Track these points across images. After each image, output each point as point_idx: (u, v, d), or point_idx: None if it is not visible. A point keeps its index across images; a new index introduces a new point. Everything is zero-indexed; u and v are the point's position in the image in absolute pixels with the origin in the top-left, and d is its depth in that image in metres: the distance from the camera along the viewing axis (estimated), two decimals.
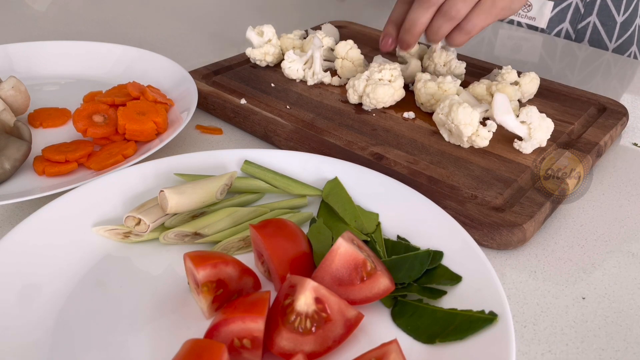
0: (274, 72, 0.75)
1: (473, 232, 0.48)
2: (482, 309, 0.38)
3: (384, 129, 0.62)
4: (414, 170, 0.55)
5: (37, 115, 0.65)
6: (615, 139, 0.63)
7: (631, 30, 0.94)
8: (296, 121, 0.63)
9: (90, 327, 0.39)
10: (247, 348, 0.36)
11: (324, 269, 0.40)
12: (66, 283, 0.42)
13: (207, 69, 0.75)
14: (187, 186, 0.47)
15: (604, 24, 0.95)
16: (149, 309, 0.41)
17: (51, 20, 1.02)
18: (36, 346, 0.38)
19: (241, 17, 1.06)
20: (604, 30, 0.95)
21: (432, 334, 0.38)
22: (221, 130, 0.66)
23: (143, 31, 0.97)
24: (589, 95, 0.70)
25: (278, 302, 0.38)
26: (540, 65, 0.88)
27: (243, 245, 0.46)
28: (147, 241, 0.47)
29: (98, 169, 0.55)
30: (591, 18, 0.95)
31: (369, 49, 0.83)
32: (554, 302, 0.44)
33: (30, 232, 0.44)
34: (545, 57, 0.91)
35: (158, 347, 0.38)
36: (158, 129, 0.60)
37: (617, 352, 0.40)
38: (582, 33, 0.97)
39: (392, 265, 0.43)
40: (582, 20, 0.96)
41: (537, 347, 0.40)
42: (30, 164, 0.56)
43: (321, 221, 0.48)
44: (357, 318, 0.38)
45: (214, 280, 0.39)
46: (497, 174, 0.55)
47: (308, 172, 0.53)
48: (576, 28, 0.97)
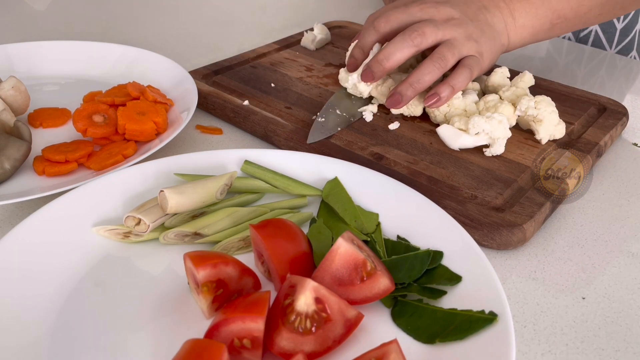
0: (274, 72, 0.75)
1: (473, 232, 0.48)
2: (482, 309, 0.38)
3: (384, 129, 0.62)
4: (414, 170, 0.55)
5: (37, 115, 0.65)
6: (615, 139, 0.63)
7: (631, 35, 0.94)
8: (296, 121, 0.63)
9: (90, 327, 0.39)
10: (247, 348, 0.36)
11: (324, 269, 0.40)
12: (66, 283, 0.42)
13: (207, 69, 0.75)
14: (187, 186, 0.47)
15: (605, 31, 0.95)
16: (149, 309, 0.41)
17: (51, 20, 1.02)
18: (36, 346, 0.38)
19: (241, 17, 1.06)
20: (604, 37, 0.95)
21: (432, 334, 0.38)
22: (221, 130, 0.66)
23: (143, 31, 0.97)
24: (589, 95, 0.70)
25: (278, 302, 0.38)
26: (543, 65, 0.88)
27: (243, 245, 0.46)
28: (147, 241, 0.47)
29: (98, 169, 0.55)
30: (593, 27, 0.95)
31: None
32: (554, 302, 0.44)
33: (30, 232, 0.44)
34: (548, 58, 0.91)
35: (158, 347, 0.38)
36: (158, 129, 0.60)
37: (617, 352, 0.40)
38: (583, 41, 0.98)
39: (392, 265, 0.43)
40: (584, 29, 0.96)
41: (537, 347, 0.40)
42: (30, 164, 0.56)
43: (321, 221, 0.48)
44: (357, 318, 0.38)
45: (214, 280, 0.39)
46: (497, 174, 0.55)
47: (308, 172, 0.53)
48: (578, 36, 0.98)
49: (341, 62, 0.79)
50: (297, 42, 0.85)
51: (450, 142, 0.59)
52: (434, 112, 0.62)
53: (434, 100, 0.59)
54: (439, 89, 0.59)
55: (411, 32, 0.58)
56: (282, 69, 0.76)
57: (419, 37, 0.58)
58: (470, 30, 0.60)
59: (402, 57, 0.58)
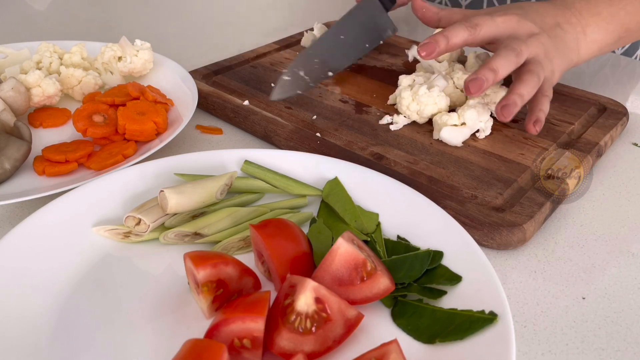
0: (274, 72, 0.75)
1: (473, 232, 0.48)
2: (482, 309, 0.38)
3: (384, 129, 0.62)
4: (414, 170, 0.55)
5: (37, 115, 0.65)
6: (615, 139, 0.63)
7: None
8: (296, 121, 0.63)
9: (90, 327, 0.39)
10: (247, 348, 0.36)
11: (324, 269, 0.40)
12: (66, 283, 0.42)
13: (207, 69, 0.75)
14: (187, 186, 0.47)
15: None
16: (149, 309, 0.41)
17: (51, 20, 1.02)
18: (36, 346, 0.38)
19: (241, 17, 1.06)
20: None
21: (432, 334, 0.38)
22: (221, 130, 0.66)
23: (143, 31, 0.97)
24: (589, 95, 0.70)
25: (278, 302, 0.38)
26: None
27: (243, 245, 0.46)
28: (147, 241, 0.47)
29: (98, 169, 0.55)
30: None
31: None
32: (554, 302, 0.44)
33: (30, 232, 0.44)
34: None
35: (158, 347, 0.38)
36: (158, 129, 0.60)
37: (617, 352, 0.40)
38: None
39: (392, 265, 0.43)
40: None
41: (537, 347, 0.40)
42: (30, 164, 0.56)
43: (321, 221, 0.48)
44: (357, 318, 0.38)
45: (214, 280, 0.39)
46: (497, 174, 0.55)
47: (308, 172, 0.53)
48: None
49: None
50: (297, 42, 0.85)
51: (454, 141, 0.59)
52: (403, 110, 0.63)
53: (505, 110, 0.57)
54: (510, 99, 0.57)
55: (512, 49, 0.57)
56: (282, 69, 0.76)
57: (519, 56, 0.57)
58: (548, 47, 0.60)
59: (508, 71, 0.58)
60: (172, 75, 0.71)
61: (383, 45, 0.84)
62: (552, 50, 0.60)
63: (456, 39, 0.59)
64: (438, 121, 0.60)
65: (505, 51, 0.57)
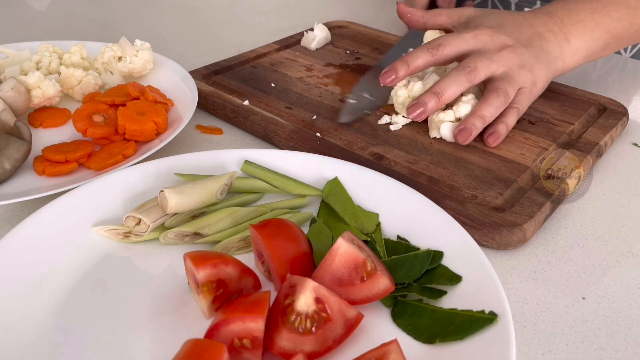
0: (274, 72, 0.75)
1: (473, 232, 0.48)
2: (482, 309, 0.38)
3: (383, 129, 0.62)
4: (414, 170, 0.55)
5: (37, 115, 0.65)
6: (615, 139, 0.63)
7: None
8: (296, 121, 0.64)
9: (90, 327, 0.39)
10: (247, 348, 0.36)
11: (324, 269, 0.40)
12: (66, 283, 0.43)
13: (207, 69, 0.75)
14: (187, 186, 0.47)
15: None
16: (149, 309, 0.41)
17: (51, 20, 1.02)
18: (36, 346, 0.38)
19: (241, 17, 1.06)
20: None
21: (432, 334, 0.38)
22: (221, 130, 0.66)
23: (143, 31, 0.97)
24: (589, 95, 0.70)
25: (278, 302, 0.38)
26: None
27: (243, 245, 0.46)
28: (147, 241, 0.47)
29: (98, 169, 0.55)
30: None
31: (369, 48, 0.83)
32: (554, 302, 0.44)
33: (30, 232, 0.44)
34: None
35: (158, 347, 0.38)
36: (158, 129, 0.60)
37: (617, 352, 0.40)
38: None
39: (392, 265, 0.43)
40: None
41: (537, 347, 0.40)
42: (30, 164, 0.56)
43: (321, 221, 0.48)
44: (357, 318, 0.38)
45: (214, 280, 0.39)
46: (497, 174, 0.55)
47: (308, 172, 0.53)
48: None
49: (341, 62, 0.79)
50: (297, 42, 0.85)
51: (452, 138, 0.59)
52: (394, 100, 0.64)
53: (461, 135, 0.57)
54: (469, 122, 0.58)
55: (464, 68, 0.58)
56: (282, 69, 0.76)
57: (472, 74, 0.58)
58: (524, 59, 0.60)
59: (456, 92, 0.58)
60: (172, 75, 0.71)
61: (383, 45, 0.84)
62: (531, 60, 0.60)
63: (417, 63, 0.60)
64: (435, 119, 0.60)
65: (455, 72, 0.58)
